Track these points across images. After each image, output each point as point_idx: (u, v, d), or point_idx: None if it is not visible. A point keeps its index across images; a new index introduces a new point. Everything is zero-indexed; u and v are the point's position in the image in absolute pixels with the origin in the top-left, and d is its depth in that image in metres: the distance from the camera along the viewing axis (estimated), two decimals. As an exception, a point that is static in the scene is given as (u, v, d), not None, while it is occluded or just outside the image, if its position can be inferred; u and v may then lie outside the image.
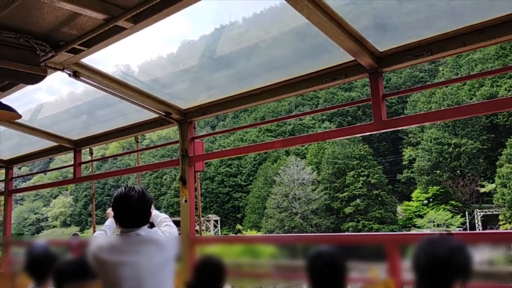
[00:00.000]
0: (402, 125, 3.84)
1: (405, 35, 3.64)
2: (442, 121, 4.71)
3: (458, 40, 3.43)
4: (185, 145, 5.46)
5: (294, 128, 63.15)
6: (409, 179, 56.50)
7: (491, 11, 3.28)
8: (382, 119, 3.81)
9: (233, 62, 4.97)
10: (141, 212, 2.72)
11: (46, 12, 3.50)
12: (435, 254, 1.98)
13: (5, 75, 3.82)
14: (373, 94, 3.88)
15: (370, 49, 3.71)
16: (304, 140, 4.70)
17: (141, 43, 5.05)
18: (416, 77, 63.27)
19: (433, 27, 3.54)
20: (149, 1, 3.26)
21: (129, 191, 2.72)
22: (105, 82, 4.76)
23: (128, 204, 2.68)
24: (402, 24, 3.69)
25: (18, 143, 7.82)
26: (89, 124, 6.71)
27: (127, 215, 2.71)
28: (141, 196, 2.71)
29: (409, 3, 3.64)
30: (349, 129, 4.36)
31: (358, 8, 3.66)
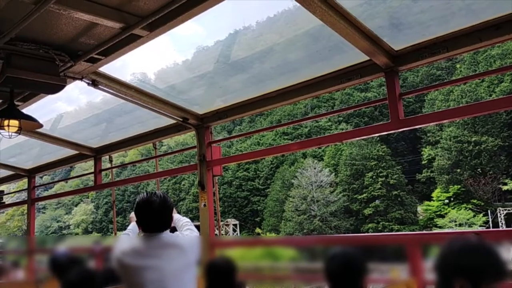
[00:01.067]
0: (420, 123, 3.80)
1: (420, 33, 3.61)
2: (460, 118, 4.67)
3: (474, 36, 3.39)
4: (202, 150, 5.51)
5: (311, 131, 62.91)
6: (429, 178, 55.65)
7: (507, 6, 3.23)
8: (399, 118, 3.79)
9: (247, 66, 5.00)
10: (163, 217, 2.76)
11: (64, 23, 3.58)
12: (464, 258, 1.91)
13: (26, 85, 3.92)
14: (389, 93, 3.86)
15: (385, 48, 3.70)
16: (321, 142, 4.68)
17: (157, 51, 5.13)
18: (433, 75, 62.43)
19: (448, 24, 3.51)
20: (163, 8, 3.32)
21: (151, 196, 2.76)
22: (123, 90, 4.84)
23: (150, 209, 2.73)
24: (417, 22, 3.67)
25: (39, 152, 7.98)
26: (108, 131, 6.82)
27: (149, 220, 2.75)
28: (163, 201, 2.75)
29: (423, 1, 3.62)
30: (366, 129, 4.33)
31: (372, 7, 3.65)
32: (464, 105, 3.68)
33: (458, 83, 5.70)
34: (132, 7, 3.41)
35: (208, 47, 5.36)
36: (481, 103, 3.53)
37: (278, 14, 4.67)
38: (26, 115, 4.29)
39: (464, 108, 3.70)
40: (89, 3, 3.27)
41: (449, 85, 21.30)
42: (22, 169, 8.59)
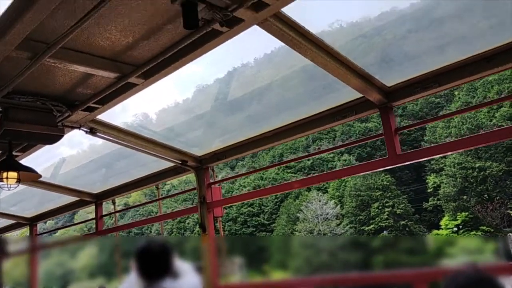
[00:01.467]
0: (416, 158, 3.79)
1: (411, 68, 3.66)
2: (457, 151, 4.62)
3: (466, 70, 3.42)
4: (202, 192, 5.48)
5: (313, 163, 62.82)
6: (435, 206, 55.01)
7: (497, 38, 3.28)
8: (396, 153, 3.78)
9: (245, 105, 5.05)
10: (163, 263, 2.72)
11: (60, 75, 3.65)
12: None
13: (24, 137, 3.95)
14: (385, 129, 3.87)
15: (378, 85, 3.74)
16: (322, 179, 4.68)
17: (158, 91, 5.20)
18: (432, 103, 62.82)
19: (438, 59, 3.56)
20: (157, 57, 3.38)
21: (150, 242, 2.75)
22: (121, 136, 4.88)
23: (150, 256, 2.70)
24: (407, 58, 3.73)
25: (40, 199, 7.96)
26: (108, 176, 6.82)
27: (149, 267, 2.71)
28: (162, 247, 2.74)
29: (412, 37, 3.68)
30: (365, 165, 4.32)
31: (361, 46, 3.72)
32: (462, 138, 3.67)
33: (452, 116, 5.71)
34: (127, 57, 3.48)
35: (208, 85, 5.45)
36: (481, 134, 3.53)
37: (275, 50, 4.75)
38: (24, 166, 4.30)
39: (462, 141, 3.68)
40: (84, 55, 3.34)
41: (444, 118, 21.43)
42: (23, 218, 8.54)
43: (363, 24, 3.92)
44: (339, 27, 4.01)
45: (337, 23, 3.97)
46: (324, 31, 3.55)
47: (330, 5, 3.67)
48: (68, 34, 2.84)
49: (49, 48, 3.01)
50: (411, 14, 3.59)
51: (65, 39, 2.89)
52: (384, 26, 3.77)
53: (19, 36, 2.79)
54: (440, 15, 3.49)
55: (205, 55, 3.39)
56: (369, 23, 3.83)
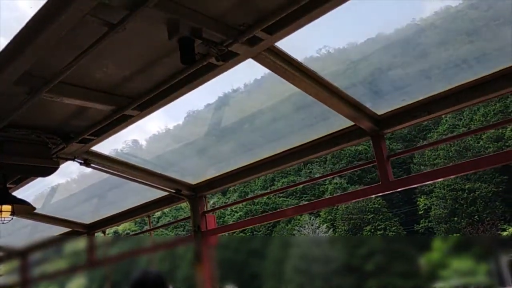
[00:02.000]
0: (409, 184, 3.86)
1: (400, 98, 3.76)
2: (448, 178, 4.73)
3: (452, 99, 3.53)
4: (197, 220, 5.48)
5: (305, 187, 62.73)
6: (427, 228, 55.02)
7: (481, 68, 3.40)
8: (389, 180, 3.84)
9: (238, 132, 5.09)
10: None
11: (56, 109, 3.68)
12: None
13: (19, 170, 3.95)
14: (377, 156, 3.94)
15: (369, 114, 3.83)
16: (315, 207, 4.70)
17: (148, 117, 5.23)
18: (420, 125, 63.52)
19: (427, 89, 3.66)
20: (153, 90, 3.44)
21: (145, 273, 2.75)
22: (114, 166, 4.89)
23: (145, 286, 2.69)
24: (396, 88, 3.83)
25: (31, 231, 7.85)
26: (100, 206, 6.78)
27: None
28: (157, 278, 2.74)
29: (399, 63, 3.79)
30: (358, 192, 4.37)
31: (353, 76, 3.82)
32: (450, 165, 3.75)
33: (444, 143, 5.81)
34: (123, 90, 3.53)
35: (199, 111, 5.48)
36: (467, 162, 3.61)
37: (265, 75, 4.82)
38: (19, 199, 4.28)
39: (450, 168, 3.77)
40: (81, 89, 3.38)
41: (435, 145, 21.89)
42: (14, 250, 8.39)
43: (349, 50, 4.02)
44: (327, 53, 4.11)
45: (325, 49, 4.07)
46: (312, 56, 3.65)
47: (317, 31, 3.78)
48: (66, 70, 2.89)
49: (46, 83, 3.05)
50: (397, 42, 3.70)
51: (63, 74, 2.94)
52: (370, 52, 3.87)
53: (18, 71, 2.83)
54: (425, 42, 3.61)
55: None
56: (355, 49, 3.94)
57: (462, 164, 3.67)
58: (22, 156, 3.79)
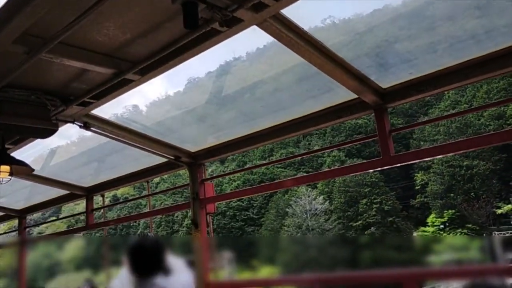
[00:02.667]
0: (411, 160, 3.83)
1: (406, 71, 3.69)
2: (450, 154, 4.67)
3: (460, 74, 3.46)
4: (195, 188, 5.48)
5: (303, 159, 63.00)
6: (423, 204, 55.62)
7: (490, 44, 3.33)
8: (390, 154, 3.82)
9: (239, 100, 5.03)
10: (155, 259, 2.74)
11: (56, 70, 3.62)
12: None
13: (18, 131, 3.92)
14: (379, 130, 3.90)
15: (374, 87, 3.76)
16: (315, 178, 4.70)
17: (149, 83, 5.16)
18: (422, 101, 63.25)
19: (434, 63, 3.59)
20: (155, 55, 3.37)
21: (142, 238, 2.77)
22: (114, 131, 4.85)
23: (143, 251, 2.71)
24: (402, 61, 3.75)
25: (30, 192, 7.89)
26: (100, 170, 6.78)
27: (141, 264, 2.72)
28: (155, 243, 2.75)
29: (405, 36, 3.70)
30: (358, 165, 4.35)
31: (358, 47, 3.73)
32: (454, 141, 3.73)
33: (446, 119, 5.76)
34: (124, 53, 3.47)
35: (200, 79, 5.41)
36: (471, 139, 3.58)
37: (268, 45, 4.73)
38: (17, 160, 4.27)
39: (455, 144, 3.74)
40: (81, 50, 3.32)
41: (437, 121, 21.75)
42: (13, 210, 8.47)
43: (355, 21, 3.92)
44: (332, 23, 4.01)
45: (330, 19, 3.97)
46: (317, 26, 3.56)
47: (322, 1, 3.67)
48: (66, 30, 2.82)
49: (46, 43, 2.99)
50: (404, 13, 3.61)
51: (63, 35, 2.87)
52: (377, 23, 3.77)
53: (16, 30, 2.76)
54: (433, 15, 3.51)
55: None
56: (362, 20, 3.84)
57: (463, 141, 3.63)
58: (21, 117, 3.75)
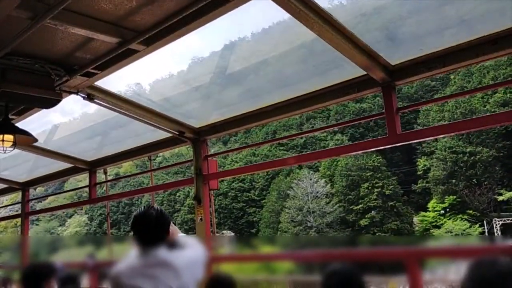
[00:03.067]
0: (417, 138, 3.80)
1: (417, 47, 3.62)
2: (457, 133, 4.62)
3: (471, 51, 3.40)
4: (199, 164, 5.47)
5: (306, 141, 62.94)
6: (424, 189, 55.71)
7: (503, 21, 3.25)
8: (397, 132, 3.78)
9: (244, 78, 4.98)
10: (160, 229, 2.74)
11: (61, 38, 3.57)
12: (482, 278, 1.80)
13: (21, 100, 3.89)
14: (386, 108, 3.85)
15: (382, 63, 3.70)
16: (318, 156, 4.66)
17: (152, 61, 5.11)
18: (427, 86, 62.83)
19: (444, 39, 3.52)
20: (160, 24, 3.31)
21: (148, 209, 2.77)
22: (118, 104, 4.82)
23: (147, 222, 2.71)
24: (413, 37, 3.68)
25: (33, 165, 7.91)
26: (103, 145, 6.77)
27: (145, 233, 2.72)
28: (160, 213, 2.75)
29: (418, 15, 3.63)
30: (364, 143, 4.32)
31: (368, 22, 3.66)
32: (462, 120, 3.67)
33: (454, 98, 5.70)
34: (129, 22, 3.41)
35: (204, 58, 5.36)
36: (479, 118, 3.53)
37: (273, 25, 4.67)
38: (21, 129, 4.25)
39: (461, 123, 3.69)
40: (86, 18, 3.26)
41: (445, 100, 21.53)
42: (16, 182, 8.50)
43: (364, 1, 3.84)
44: (339, 4, 3.93)
45: (337, 0, 3.89)
46: (324, 7, 3.48)
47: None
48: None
49: (50, 9, 2.93)
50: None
51: (68, 1, 2.81)
52: (385, 5, 3.70)
53: (20, -6, 2.71)
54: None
55: (201, 27, 3.32)
56: (369, 1, 3.76)
57: (470, 120, 3.58)
58: (24, 86, 3.72)
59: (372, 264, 3.85)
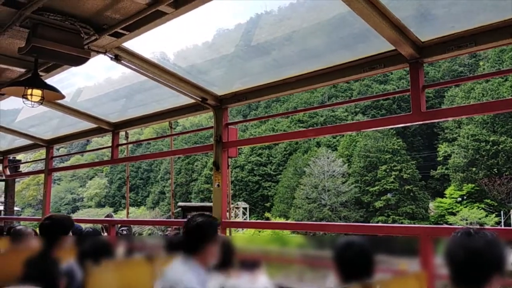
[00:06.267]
0: (442, 117, 3.76)
1: (448, 25, 3.54)
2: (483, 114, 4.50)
3: (505, 32, 3.31)
4: (219, 131, 5.52)
5: (326, 120, 62.56)
6: (443, 175, 55.10)
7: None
8: (421, 110, 3.74)
9: (268, 50, 4.96)
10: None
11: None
12: (472, 247, 1.92)
13: (50, 56, 3.96)
14: (412, 85, 3.81)
15: (412, 39, 3.64)
16: (339, 130, 4.65)
17: (177, 31, 5.12)
18: (455, 71, 61.34)
19: (477, 18, 3.43)
20: (191, -14, 3.30)
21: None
22: (144, 66, 4.87)
23: None
24: (445, 14, 3.60)
25: (58, 124, 8.10)
26: (127, 107, 6.87)
27: None
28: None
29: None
30: (386, 119, 4.29)
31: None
32: (488, 101, 3.61)
33: (483, 78, 5.57)
34: (160, -17, 3.41)
35: (229, 30, 5.34)
36: (506, 100, 3.46)
37: (301, 0, 4.62)
38: (49, 85, 4.34)
39: (487, 104, 3.64)
40: (117, -24, 3.27)
41: (475, 79, 20.78)
42: (41, 139, 8.74)
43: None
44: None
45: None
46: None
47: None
48: (104, -49, 2.77)
49: (83, -36, 2.95)
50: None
51: (101, -44, 2.82)
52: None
53: None
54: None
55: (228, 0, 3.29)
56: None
57: (496, 102, 3.51)
58: (54, 42, 3.78)
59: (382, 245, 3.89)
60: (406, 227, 4.10)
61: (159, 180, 71.30)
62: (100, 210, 66.71)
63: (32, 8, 3.61)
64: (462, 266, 1.93)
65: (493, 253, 1.92)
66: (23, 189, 73.04)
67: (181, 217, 15.72)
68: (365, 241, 2.57)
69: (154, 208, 66.82)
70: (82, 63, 4.07)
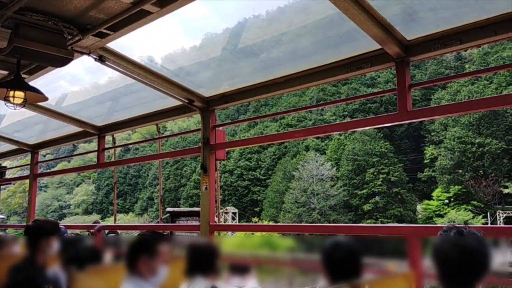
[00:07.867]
0: (427, 115, 3.76)
1: (434, 23, 3.55)
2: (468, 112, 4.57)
3: (489, 29, 3.33)
4: (206, 133, 5.48)
5: (315, 124, 62.80)
6: (430, 177, 55.63)
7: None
8: (407, 109, 3.74)
9: (257, 52, 4.95)
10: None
11: (75, -5, 3.54)
12: (466, 247, 1.88)
13: (33, 56, 3.89)
14: (399, 84, 3.81)
15: (398, 37, 3.65)
16: (327, 130, 4.64)
17: (165, 34, 5.08)
18: (441, 74, 62.05)
19: (463, 16, 3.45)
20: (176, -16, 3.27)
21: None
22: (130, 68, 4.80)
23: None
24: (431, 12, 3.61)
25: (43, 128, 7.98)
26: (113, 110, 6.79)
27: None
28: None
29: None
30: (374, 119, 4.30)
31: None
32: (474, 99, 3.63)
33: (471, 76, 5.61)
34: (144, -18, 3.37)
35: (217, 34, 5.32)
36: (491, 98, 3.49)
37: (289, 4, 4.62)
38: (31, 87, 4.26)
39: (473, 102, 3.65)
40: (101, -25, 3.23)
41: (462, 78, 20.97)
42: (26, 144, 8.59)
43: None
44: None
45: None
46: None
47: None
48: None
49: (65, -38, 2.90)
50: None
51: (83, -47, 2.77)
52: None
53: None
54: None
55: (215, 4, 3.27)
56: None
57: (481, 100, 3.53)
58: (37, 42, 3.71)
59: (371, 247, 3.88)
60: (393, 226, 4.09)
61: (148, 186, 70.86)
62: (88, 217, 66.02)
63: (14, 8, 3.54)
64: (456, 266, 1.87)
65: (485, 252, 1.89)
66: (8, 197, 71.98)
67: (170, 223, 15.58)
68: (353, 242, 2.53)
69: (142, 215, 66.35)
70: (66, 64, 4.00)
